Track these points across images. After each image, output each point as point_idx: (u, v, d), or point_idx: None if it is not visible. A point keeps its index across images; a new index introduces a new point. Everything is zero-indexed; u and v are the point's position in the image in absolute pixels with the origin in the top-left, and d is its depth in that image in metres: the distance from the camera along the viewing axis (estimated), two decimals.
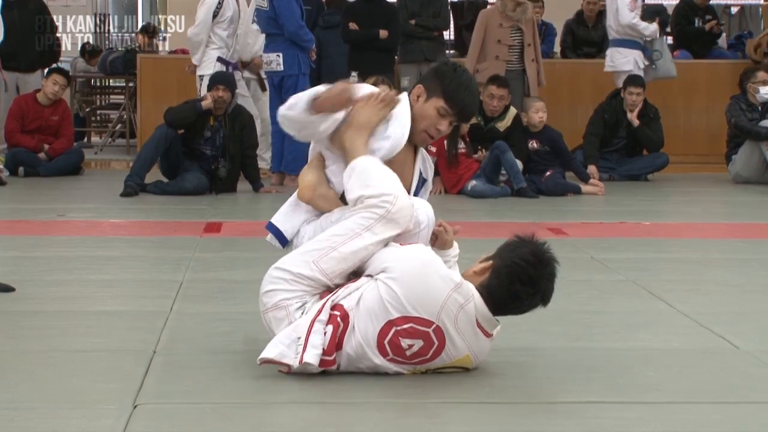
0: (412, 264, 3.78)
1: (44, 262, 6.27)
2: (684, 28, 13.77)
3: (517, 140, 10.03)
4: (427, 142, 4.27)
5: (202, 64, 10.71)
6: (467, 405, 3.64)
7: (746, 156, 11.01)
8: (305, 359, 3.76)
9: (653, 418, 3.55)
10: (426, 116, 4.18)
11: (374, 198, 3.91)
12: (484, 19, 11.11)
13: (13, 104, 11.11)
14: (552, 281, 3.85)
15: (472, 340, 3.81)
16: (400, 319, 3.75)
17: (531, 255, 3.80)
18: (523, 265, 3.78)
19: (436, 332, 3.76)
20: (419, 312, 3.74)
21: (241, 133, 9.83)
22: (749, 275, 6.23)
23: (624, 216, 8.74)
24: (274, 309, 3.93)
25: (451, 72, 4.23)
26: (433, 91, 4.18)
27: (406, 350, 3.79)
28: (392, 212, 3.89)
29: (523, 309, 3.89)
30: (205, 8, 10.75)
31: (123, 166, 11.68)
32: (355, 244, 3.89)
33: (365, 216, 3.91)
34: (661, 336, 4.71)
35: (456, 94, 4.17)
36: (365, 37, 10.93)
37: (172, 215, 8.48)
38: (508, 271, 3.79)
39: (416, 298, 3.74)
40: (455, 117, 4.20)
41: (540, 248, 3.84)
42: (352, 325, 3.80)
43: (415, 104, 4.21)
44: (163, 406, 3.58)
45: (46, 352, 4.24)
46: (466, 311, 3.76)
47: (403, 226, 3.93)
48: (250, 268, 5.92)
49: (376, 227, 3.89)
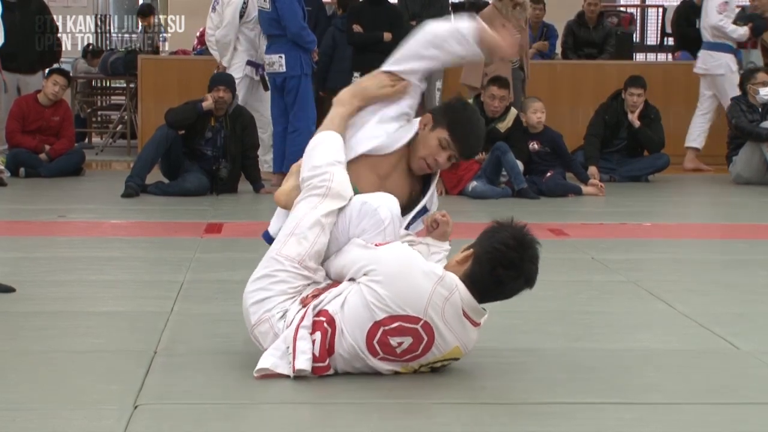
0: (393, 264, 3.79)
1: (45, 262, 6.27)
2: (684, 30, 13.77)
3: (518, 141, 10.03)
4: (423, 170, 4.28)
5: (233, 67, 10.67)
6: (467, 406, 3.64)
7: (747, 157, 11.01)
8: (297, 366, 3.78)
9: (653, 419, 3.56)
10: (427, 145, 4.22)
11: (314, 178, 4.02)
12: (487, 22, 11.01)
13: (13, 105, 11.11)
14: (535, 263, 3.80)
15: (460, 331, 3.80)
16: (387, 319, 3.76)
17: (511, 239, 3.76)
18: (503, 249, 3.74)
19: (425, 328, 3.76)
20: (406, 310, 3.74)
21: (242, 134, 9.83)
22: (750, 276, 6.23)
23: (625, 217, 8.74)
24: (258, 324, 3.97)
25: (461, 108, 4.31)
26: (440, 122, 4.23)
27: (395, 348, 3.79)
28: (332, 188, 3.99)
29: (508, 293, 3.85)
30: (231, 9, 10.70)
31: (124, 167, 11.68)
32: (307, 221, 3.97)
33: (309, 199, 4.00)
34: (662, 337, 4.72)
35: (460, 129, 4.21)
36: (369, 40, 10.94)
37: (172, 216, 8.49)
38: (489, 257, 3.76)
39: (401, 296, 3.74)
40: (456, 151, 4.22)
41: (520, 231, 3.79)
42: (341, 329, 3.81)
43: (421, 131, 4.25)
44: (164, 407, 3.59)
45: (47, 353, 4.24)
46: (452, 303, 3.75)
47: (342, 199, 3.99)
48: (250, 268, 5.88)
49: (321, 205, 3.98)
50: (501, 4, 11.00)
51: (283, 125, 10.32)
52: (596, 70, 12.79)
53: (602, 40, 13.32)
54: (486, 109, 10.05)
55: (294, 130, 10.16)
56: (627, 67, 12.49)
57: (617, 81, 11.64)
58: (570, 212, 9.07)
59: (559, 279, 6.03)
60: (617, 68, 12.62)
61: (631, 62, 13.92)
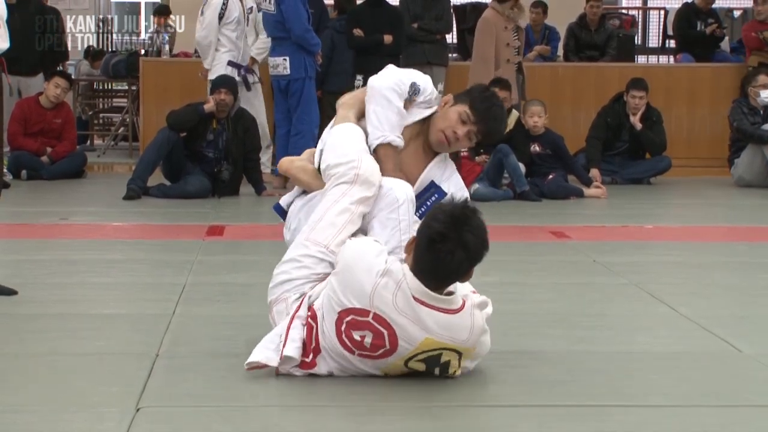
0: (345, 257, 3.85)
1: (47, 265, 6.27)
2: (686, 32, 13.77)
3: (520, 143, 10.03)
4: (441, 143, 4.27)
5: (214, 68, 10.60)
6: (471, 408, 3.64)
7: (749, 159, 11.01)
8: (285, 353, 3.82)
9: (655, 422, 3.56)
10: (447, 117, 4.26)
11: (342, 166, 4.06)
12: (490, 26, 10.95)
13: (15, 108, 11.10)
14: (477, 233, 3.68)
15: (416, 318, 3.72)
16: (343, 312, 3.80)
17: (442, 214, 3.70)
18: (434, 225, 3.68)
19: (377, 320, 3.75)
20: (353, 302, 3.77)
21: (244, 136, 9.83)
22: (752, 278, 6.23)
23: (626, 219, 8.74)
24: (276, 303, 4.05)
25: (483, 89, 4.38)
26: (461, 100, 4.28)
27: (362, 342, 3.80)
28: (361, 174, 4.02)
29: (454, 269, 3.71)
30: (210, 10, 10.65)
31: (126, 170, 11.69)
32: (336, 208, 4.02)
33: (339, 187, 4.05)
34: (664, 339, 4.71)
35: (482, 106, 4.24)
36: (370, 44, 10.94)
37: (174, 218, 8.49)
38: (425, 234, 3.71)
39: (348, 289, 3.78)
40: (475, 127, 4.22)
41: (457, 207, 3.72)
42: (321, 326, 3.86)
43: (441, 109, 4.30)
44: (166, 409, 3.59)
45: (49, 356, 4.24)
46: (402, 291, 3.72)
47: (376, 183, 4.03)
48: (252, 271, 5.92)
49: (351, 191, 4.02)
50: (501, 7, 10.99)
51: (286, 128, 10.32)
52: (598, 73, 12.77)
53: (604, 42, 13.31)
54: None
55: (297, 132, 10.16)
56: (629, 70, 12.47)
57: (619, 83, 11.64)
58: (572, 214, 9.07)
59: (561, 281, 6.03)
60: (619, 70, 12.61)
61: (632, 64, 13.89)
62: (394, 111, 4.20)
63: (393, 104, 4.20)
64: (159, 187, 9.68)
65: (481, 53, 10.99)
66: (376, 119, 4.20)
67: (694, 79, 12.69)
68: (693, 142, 12.69)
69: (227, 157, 9.71)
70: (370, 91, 4.25)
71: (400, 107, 4.22)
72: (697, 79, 12.73)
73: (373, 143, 4.18)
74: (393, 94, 4.21)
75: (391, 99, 4.21)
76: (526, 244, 7.43)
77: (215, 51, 10.64)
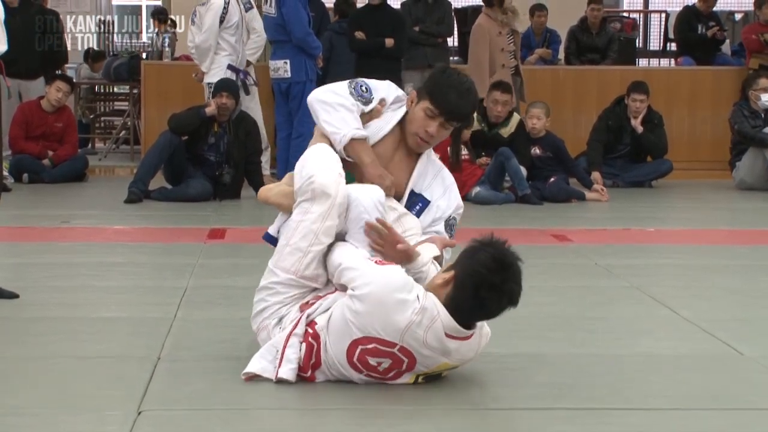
0: (375, 288, 3.73)
1: (48, 268, 6.27)
2: (687, 35, 13.77)
3: (521, 146, 10.03)
4: (420, 145, 4.22)
5: (212, 72, 10.58)
6: (471, 412, 3.64)
7: (750, 162, 11.01)
8: (280, 375, 3.81)
9: (657, 425, 3.56)
10: (415, 119, 4.19)
11: (302, 185, 3.99)
12: (484, 32, 11.00)
13: (17, 111, 11.11)
14: (518, 282, 3.72)
15: (443, 351, 3.76)
16: (364, 339, 3.75)
17: (491, 261, 3.68)
18: (484, 272, 3.66)
19: (402, 351, 3.75)
20: (380, 334, 3.73)
21: (245, 140, 9.83)
22: (753, 281, 6.23)
23: (628, 222, 8.74)
24: (259, 332, 4.05)
25: (440, 74, 4.22)
26: (422, 95, 4.20)
27: (377, 367, 3.79)
28: (316, 189, 3.94)
29: (493, 314, 3.78)
30: (211, 14, 10.64)
31: (127, 173, 11.68)
32: (300, 231, 3.97)
33: (300, 206, 4.00)
34: (665, 342, 4.71)
35: (441, 95, 4.13)
36: (372, 47, 10.95)
37: (175, 222, 8.49)
38: (472, 281, 3.68)
39: (378, 321, 3.72)
40: (444, 118, 4.15)
41: (501, 251, 3.72)
42: (324, 344, 3.82)
43: (410, 108, 4.23)
44: (167, 413, 3.59)
45: (50, 359, 4.24)
46: (434, 330, 3.71)
47: (333, 196, 3.94)
48: (253, 274, 5.89)
49: (308, 211, 3.96)
50: (492, 12, 11.01)
51: (287, 131, 10.32)
52: (599, 76, 12.77)
53: (605, 45, 13.31)
54: (489, 114, 10.06)
55: (298, 135, 10.16)
56: (630, 73, 12.48)
57: (620, 86, 11.63)
58: (573, 218, 9.07)
59: (563, 284, 6.03)
60: (620, 74, 12.61)
61: (633, 68, 13.91)
62: (338, 109, 4.16)
63: (332, 103, 4.18)
64: (160, 190, 9.68)
65: (475, 59, 11.05)
66: (328, 126, 4.17)
67: (695, 82, 12.68)
68: (694, 145, 12.69)
69: (228, 160, 9.71)
70: (309, 108, 4.26)
71: (339, 101, 4.17)
72: (698, 82, 12.72)
73: (338, 147, 4.14)
74: (327, 94, 4.21)
75: (328, 99, 4.19)
76: (527, 247, 7.39)
77: (214, 55, 10.64)
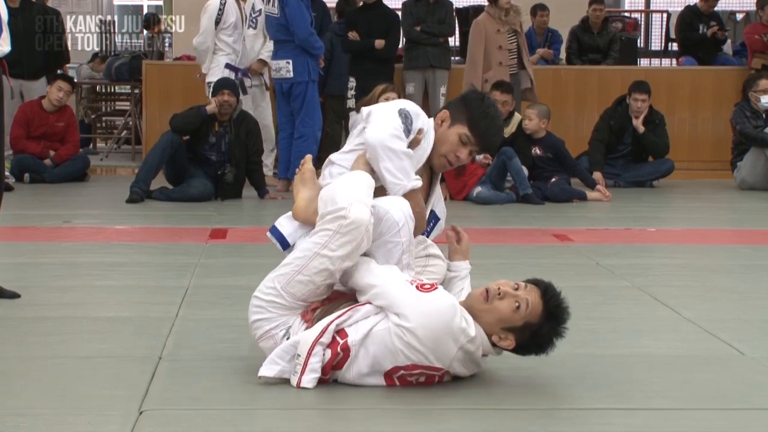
0: (428, 321, 3.73)
1: (50, 268, 6.28)
2: (688, 35, 13.78)
3: (522, 146, 10.03)
4: (445, 167, 4.22)
5: (211, 71, 10.63)
6: (474, 411, 3.64)
7: (751, 162, 11.02)
8: (303, 384, 3.78)
9: (658, 425, 3.55)
10: (447, 141, 4.14)
11: (330, 214, 3.85)
12: (481, 29, 11.06)
13: (18, 111, 11.12)
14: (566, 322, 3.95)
15: (478, 367, 3.93)
16: (411, 366, 3.79)
17: (553, 333, 3.87)
18: (535, 324, 3.85)
19: (445, 373, 3.87)
20: (433, 362, 3.79)
21: (247, 139, 9.83)
22: (755, 281, 6.23)
23: (629, 222, 8.74)
24: (263, 339, 3.97)
25: (479, 101, 4.20)
26: (458, 118, 4.15)
27: (412, 381, 3.85)
28: (344, 225, 3.80)
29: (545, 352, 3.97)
30: (207, 15, 10.70)
31: (128, 173, 11.70)
32: (315, 265, 3.84)
33: (321, 233, 3.86)
34: (667, 342, 4.71)
35: (481, 124, 4.13)
36: (363, 47, 10.97)
37: (177, 221, 8.49)
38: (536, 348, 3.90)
39: (431, 353, 3.76)
40: (476, 146, 4.16)
41: (558, 303, 3.90)
42: (355, 358, 3.80)
43: (438, 128, 4.17)
44: (169, 412, 3.59)
45: (52, 359, 4.24)
46: (475, 354, 3.84)
47: (356, 241, 3.82)
48: (255, 274, 5.89)
49: (331, 244, 3.82)
50: (494, 11, 11.03)
51: (289, 131, 10.33)
52: (600, 76, 12.78)
53: (606, 45, 13.31)
54: None
55: (300, 135, 10.17)
56: (631, 73, 12.48)
57: (622, 86, 11.64)
58: (575, 218, 9.07)
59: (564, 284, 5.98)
60: (621, 73, 12.62)
61: (635, 67, 13.91)
62: (402, 158, 3.99)
63: (399, 151, 3.97)
64: (162, 190, 9.69)
65: (470, 55, 11.12)
66: (389, 175, 3.98)
67: (696, 81, 12.69)
68: (695, 145, 12.70)
69: (230, 159, 9.72)
70: (371, 150, 3.99)
71: (404, 149, 4.00)
72: (699, 82, 12.73)
73: (392, 194, 3.99)
74: (394, 141, 3.98)
75: (395, 147, 3.97)
76: (528, 247, 7.42)
77: (213, 54, 10.68)
